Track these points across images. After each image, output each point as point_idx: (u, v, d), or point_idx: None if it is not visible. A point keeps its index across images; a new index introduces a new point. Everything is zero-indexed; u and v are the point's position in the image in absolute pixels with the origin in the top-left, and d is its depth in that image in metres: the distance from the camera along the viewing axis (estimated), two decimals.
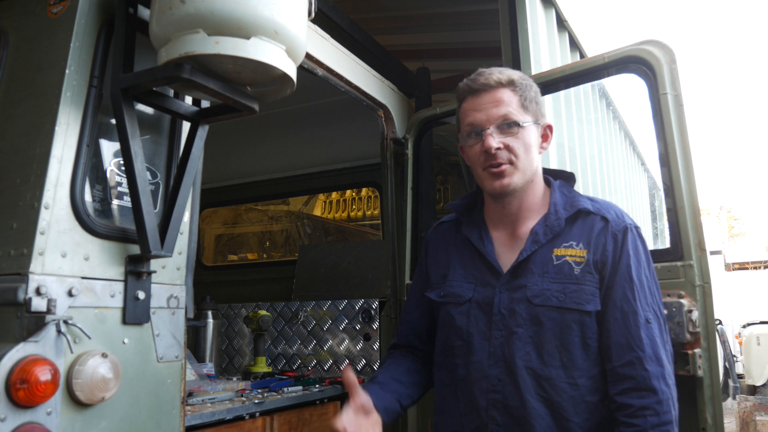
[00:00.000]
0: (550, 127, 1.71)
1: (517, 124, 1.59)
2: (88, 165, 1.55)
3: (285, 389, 2.64)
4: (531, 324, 1.56)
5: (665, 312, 1.64)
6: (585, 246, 1.58)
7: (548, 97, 2.57)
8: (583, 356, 1.54)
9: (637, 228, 1.61)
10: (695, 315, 1.90)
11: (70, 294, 1.43)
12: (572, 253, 1.58)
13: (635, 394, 1.46)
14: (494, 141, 1.57)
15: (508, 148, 1.58)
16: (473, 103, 1.63)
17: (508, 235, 1.69)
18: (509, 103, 1.60)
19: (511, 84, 1.62)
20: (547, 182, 1.72)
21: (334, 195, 6.21)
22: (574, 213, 1.62)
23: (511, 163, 1.58)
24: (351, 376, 1.59)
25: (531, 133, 1.62)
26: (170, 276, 1.72)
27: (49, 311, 1.37)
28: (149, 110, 1.72)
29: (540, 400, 1.52)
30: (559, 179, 1.74)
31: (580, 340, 1.54)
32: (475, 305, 1.64)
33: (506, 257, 1.66)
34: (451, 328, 1.68)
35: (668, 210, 2.04)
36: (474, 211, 1.79)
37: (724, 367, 6.83)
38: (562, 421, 1.51)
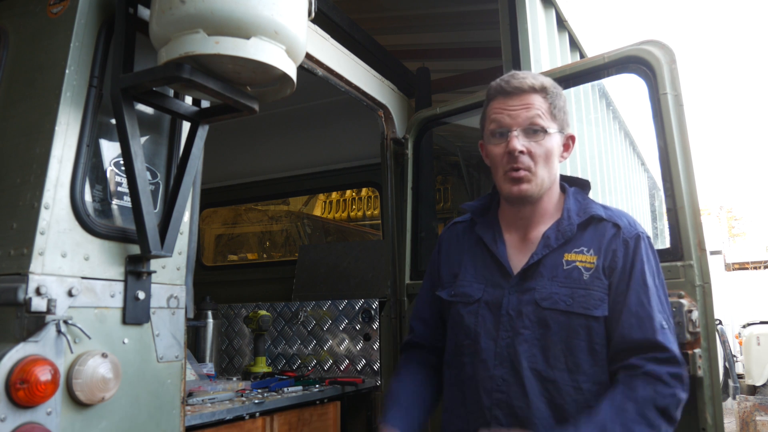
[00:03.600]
0: (573, 138, 1.72)
1: (543, 131, 1.59)
2: (88, 165, 1.54)
3: (285, 389, 2.64)
4: (538, 326, 1.56)
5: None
6: (596, 252, 1.59)
7: None
8: (590, 361, 1.53)
9: (648, 237, 1.62)
10: (695, 315, 1.90)
11: (70, 294, 1.43)
12: (582, 258, 1.59)
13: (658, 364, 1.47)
14: (519, 144, 1.58)
15: (530, 154, 1.59)
16: (503, 103, 1.63)
17: (520, 238, 1.70)
18: (539, 108, 1.60)
19: (543, 90, 1.62)
20: (562, 188, 1.73)
21: (334, 195, 6.21)
22: (586, 219, 1.63)
23: (529, 170, 1.59)
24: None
25: (555, 141, 1.63)
26: (170, 276, 1.72)
27: (49, 311, 1.36)
28: (149, 110, 1.72)
29: (544, 401, 1.52)
30: (574, 186, 1.75)
31: (586, 345, 1.54)
32: (484, 305, 1.65)
33: (517, 259, 1.66)
34: (460, 327, 1.69)
35: (668, 210, 2.04)
36: (489, 213, 1.80)
37: (724, 367, 6.82)
38: (565, 424, 1.51)
